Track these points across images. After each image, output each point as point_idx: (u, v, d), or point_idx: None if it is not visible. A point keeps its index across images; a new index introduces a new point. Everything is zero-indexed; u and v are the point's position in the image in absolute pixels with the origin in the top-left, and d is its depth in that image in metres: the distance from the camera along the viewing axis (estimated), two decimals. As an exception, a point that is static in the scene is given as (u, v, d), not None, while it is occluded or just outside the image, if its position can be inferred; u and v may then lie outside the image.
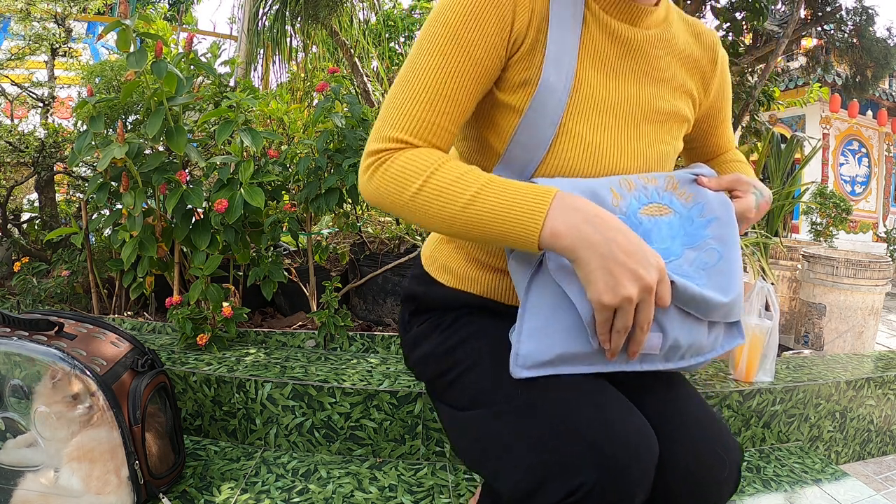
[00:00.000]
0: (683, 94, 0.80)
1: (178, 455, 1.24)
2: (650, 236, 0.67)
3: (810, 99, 6.52)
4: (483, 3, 0.65)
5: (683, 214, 0.70)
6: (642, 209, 0.68)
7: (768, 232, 3.21)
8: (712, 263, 0.69)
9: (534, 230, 0.58)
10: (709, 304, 0.66)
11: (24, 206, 3.07)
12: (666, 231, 0.68)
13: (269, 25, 4.18)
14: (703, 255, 0.69)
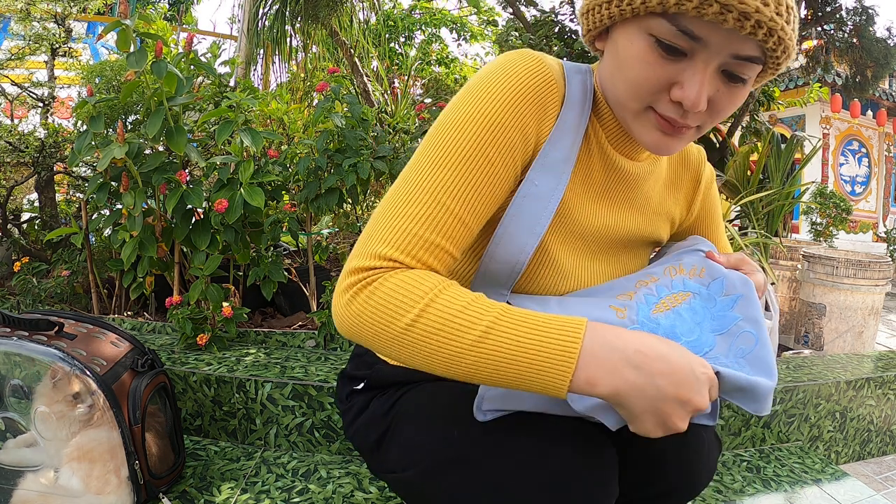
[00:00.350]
0: (665, 219, 0.79)
1: (178, 455, 1.24)
2: (675, 333, 0.59)
3: (810, 99, 6.51)
4: (507, 115, 0.59)
5: (703, 294, 0.63)
6: (653, 309, 0.61)
7: (768, 232, 3.21)
8: (750, 349, 0.58)
9: (563, 378, 0.49)
10: (757, 393, 0.55)
11: (24, 206, 3.07)
12: (690, 319, 0.60)
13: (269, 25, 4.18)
14: (739, 341, 0.59)
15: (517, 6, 3.37)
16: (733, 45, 0.54)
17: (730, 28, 0.52)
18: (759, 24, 0.52)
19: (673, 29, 0.53)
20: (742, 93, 0.59)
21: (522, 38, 3.30)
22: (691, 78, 0.55)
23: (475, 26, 8.70)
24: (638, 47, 0.56)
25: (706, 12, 0.51)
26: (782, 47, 0.55)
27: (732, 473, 1.50)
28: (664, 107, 0.58)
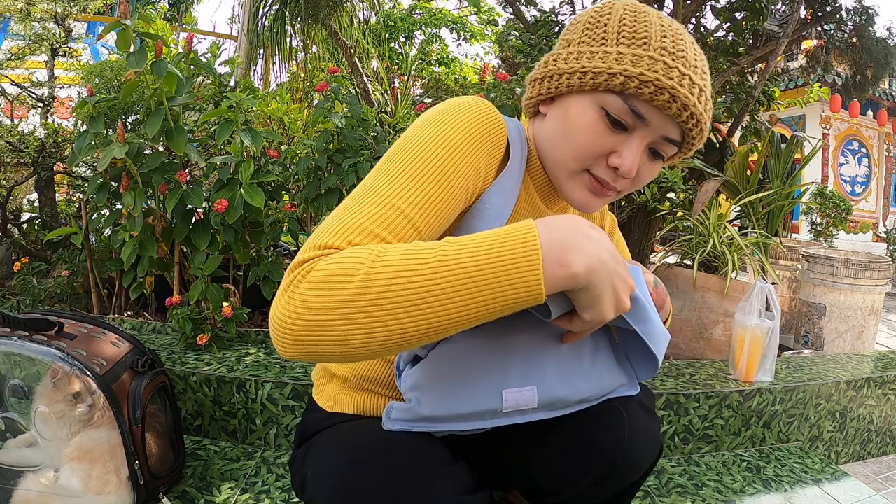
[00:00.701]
0: None
1: (178, 455, 1.24)
2: None
3: (810, 99, 6.52)
4: (467, 143, 0.63)
5: None
6: None
7: (768, 232, 3.21)
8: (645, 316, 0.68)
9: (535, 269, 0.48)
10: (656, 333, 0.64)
11: (24, 206, 3.07)
12: None
13: (269, 25, 4.18)
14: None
15: (517, 6, 3.37)
16: (666, 128, 0.64)
17: (671, 114, 0.62)
18: (692, 115, 0.62)
19: (625, 107, 0.62)
20: (658, 167, 0.69)
21: (522, 38, 3.30)
22: (629, 148, 0.64)
23: (475, 26, 8.70)
24: (590, 117, 0.64)
25: (657, 99, 0.61)
26: (699, 137, 0.66)
27: (732, 473, 1.50)
28: (601, 170, 0.66)
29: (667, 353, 2.29)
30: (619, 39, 0.63)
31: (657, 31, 0.63)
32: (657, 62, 0.61)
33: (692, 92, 0.62)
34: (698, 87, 0.62)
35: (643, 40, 0.62)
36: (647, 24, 0.63)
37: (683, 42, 0.63)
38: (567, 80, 0.65)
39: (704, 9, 3.19)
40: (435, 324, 0.48)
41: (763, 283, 1.74)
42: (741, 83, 3.46)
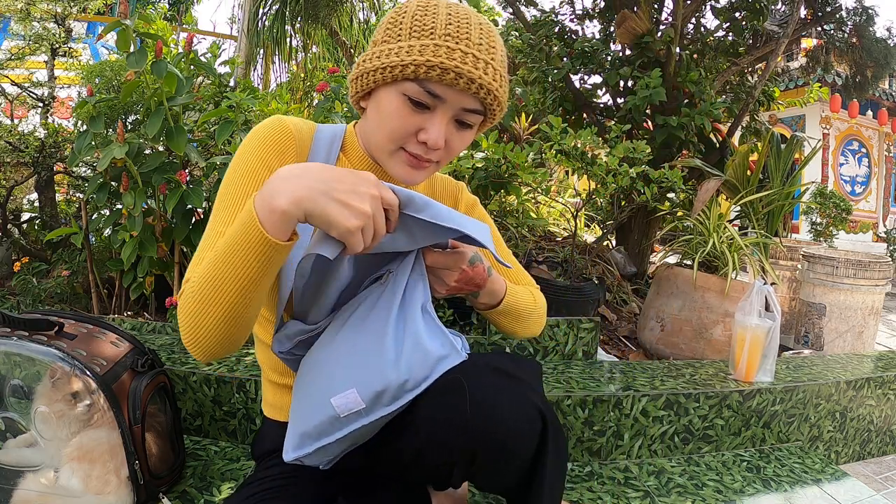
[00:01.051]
0: None
1: (178, 455, 1.24)
2: None
3: (810, 99, 6.51)
4: (254, 158, 0.78)
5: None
6: None
7: (768, 232, 3.21)
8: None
9: (254, 221, 0.62)
10: (436, 210, 0.70)
11: (24, 206, 3.07)
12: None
13: (269, 25, 4.18)
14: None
15: (517, 6, 3.37)
16: (463, 101, 0.75)
17: (461, 89, 0.73)
18: (480, 86, 0.73)
19: (421, 90, 0.73)
20: (469, 135, 0.80)
21: (522, 38, 3.30)
22: (433, 124, 0.75)
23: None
24: (396, 104, 0.75)
25: (445, 78, 0.71)
26: (497, 102, 0.77)
27: (732, 473, 1.50)
28: (413, 147, 0.77)
29: (667, 353, 2.30)
30: (410, 34, 0.74)
31: (443, 20, 0.74)
32: (441, 47, 0.72)
33: (476, 66, 0.72)
34: (483, 62, 0.73)
35: (430, 30, 0.73)
36: (434, 16, 0.74)
37: (468, 25, 0.74)
38: (373, 76, 0.76)
39: (704, 9, 3.19)
40: (230, 294, 0.64)
41: (762, 283, 1.74)
42: (741, 83, 3.46)
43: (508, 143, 1.97)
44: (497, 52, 0.76)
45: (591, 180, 2.25)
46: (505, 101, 0.79)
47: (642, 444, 1.55)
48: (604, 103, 3.33)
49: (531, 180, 1.99)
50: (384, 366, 0.70)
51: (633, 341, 2.50)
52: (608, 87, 3.11)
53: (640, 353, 2.41)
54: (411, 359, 0.71)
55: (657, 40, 2.80)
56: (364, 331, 0.73)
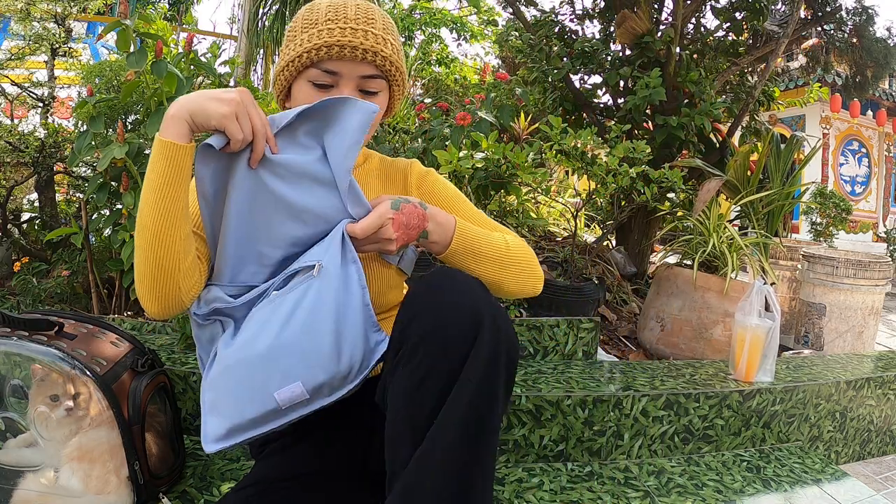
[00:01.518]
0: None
1: (178, 455, 1.24)
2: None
3: (810, 99, 6.51)
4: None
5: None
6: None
7: (768, 232, 3.21)
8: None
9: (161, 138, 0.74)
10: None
11: (24, 206, 3.07)
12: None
13: (268, 25, 4.18)
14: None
15: (517, 6, 3.37)
16: (357, 69, 0.84)
17: (349, 59, 0.83)
18: (365, 50, 0.83)
19: (319, 71, 0.84)
20: (377, 101, 0.87)
21: (522, 38, 3.30)
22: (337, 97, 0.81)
23: (475, 26, 8.70)
24: (304, 91, 0.86)
25: (331, 53, 0.82)
26: (388, 62, 0.86)
27: (732, 473, 1.50)
28: None
29: (667, 353, 2.30)
30: (302, 30, 0.85)
31: (323, 11, 0.84)
32: (323, 30, 0.82)
33: (356, 36, 0.82)
34: (361, 31, 0.82)
35: (313, 22, 0.84)
36: (316, 10, 0.85)
37: (345, 8, 0.84)
38: (282, 75, 0.88)
39: (704, 9, 3.19)
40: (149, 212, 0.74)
41: (761, 283, 1.74)
42: (741, 83, 3.46)
43: (508, 143, 1.97)
44: (377, 22, 0.85)
45: (591, 180, 2.25)
46: (399, 62, 0.88)
47: (642, 444, 1.55)
48: (604, 103, 3.33)
49: (531, 180, 1.99)
50: (327, 361, 0.74)
51: (633, 341, 2.50)
52: (608, 87, 3.11)
53: (640, 353, 2.41)
54: (353, 350, 0.76)
55: (657, 40, 2.80)
56: (305, 328, 0.74)
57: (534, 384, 1.54)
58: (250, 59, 4.55)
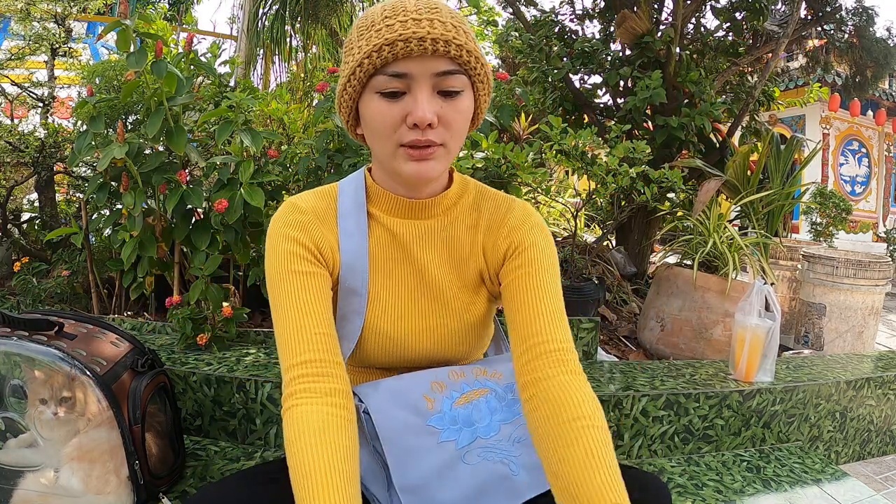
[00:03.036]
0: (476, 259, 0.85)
1: (178, 455, 1.24)
2: (471, 419, 0.77)
3: (810, 99, 6.51)
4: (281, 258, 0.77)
5: (498, 392, 0.81)
6: (455, 402, 0.78)
7: (768, 232, 3.21)
8: (525, 437, 0.78)
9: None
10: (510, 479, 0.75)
11: (24, 206, 3.07)
12: (485, 408, 0.78)
13: (268, 25, 4.18)
14: (518, 430, 0.78)
15: (517, 6, 3.37)
16: (429, 66, 0.69)
17: (418, 55, 0.68)
18: (434, 40, 0.67)
19: (385, 77, 0.70)
20: (462, 102, 0.73)
21: (522, 38, 3.30)
22: (413, 103, 0.70)
23: (475, 26, 8.69)
24: (374, 104, 0.72)
25: (396, 51, 0.67)
26: (465, 52, 0.70)
27: (732, 473, 1.50)
28: (406, 135, 0.71)
29: (667, 353, 2.30)
30: (358, 38, 0.72)
31: (378, 13, 0.71)
32: (380, 30, 0.69)
33: (420, 26, 0.67)
34: (426, 20, 0.68)
35: (369, 27, 0.71)
36: (371, 14, 0.72)
37: (402, 4, 0.71)
38: (346, 94, 0.74)
39: (704, 9, 3.19)
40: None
41: (761, 283, 1.74)
42: (741, 83, 3.46)
43: (508, 144, 1.97)
44: (442, 11, 0.71)
45: (591, 180, 2.25)
46: (479, 53, 0.73)
47: (642, 444, 1.55)
48: (604, 103, 3.33)
49: (531, 180, 1.99)
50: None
51: (633, 341, 2.50)
52: (608, 87, 3.11)
53: (640, 353, 2.41)
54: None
55: (657, 40, 2.80)
56: None
57: (534, 384, 1.54)
58: (250, 59, 4.55)
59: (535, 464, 0.75)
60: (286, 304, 0.75)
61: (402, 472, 0.72)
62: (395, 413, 0.76)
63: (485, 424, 0.77)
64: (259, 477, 0.80)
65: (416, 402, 0.77)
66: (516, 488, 0.76)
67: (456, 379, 0.81)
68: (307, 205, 0.82)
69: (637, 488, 0.74)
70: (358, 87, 0.72)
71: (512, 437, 0.78)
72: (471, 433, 0.76)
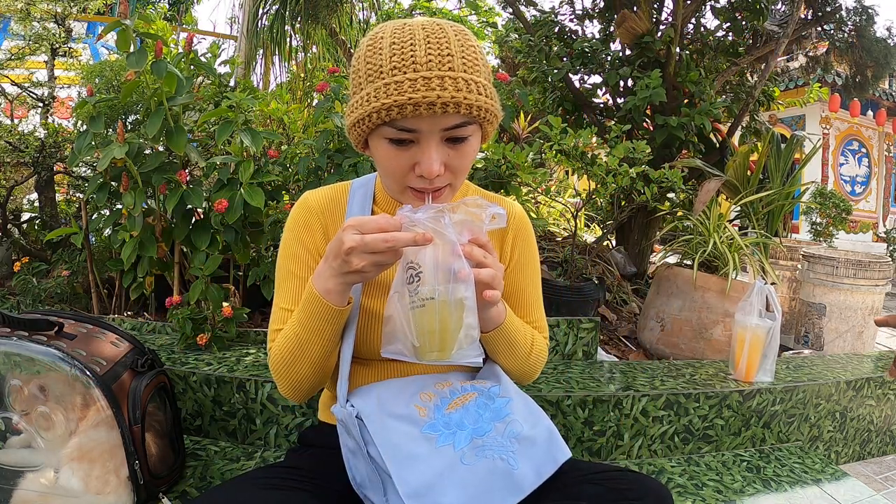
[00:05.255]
0: None
1: (178, 455, 1.24)
2: (463, 423, 0.79)
3: (810, 99, 6.52)
4: (290, 244, 0.89)
5: (486, 393, 0.84)
6: (446, 409, 0.81)
7: (768, 232, 3.21)
8: (519, 432, 0.81)
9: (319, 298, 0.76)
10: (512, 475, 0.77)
11: (24, 206, 3.07)
12: (475, 410, 0.81)
13: (268, 25, 4.18)
14: (510, 426, 0.81)
15: (517, 6, 3.37)
16: (439, 122, 0.71)
17: (429, 116, 0.69)
18: (444, 104, 0.68)
19: (394, 130, 0.71)
20: (469, 146, 0.75)
21: (522, 38, 3.30)
22: (422, 156, 0.72)
23: (475, 26, 8.69)
24: (383, 148, 0.75)
25: (405, 113, 0.69)
26: (476, 106, 0.71)
27: (732, 473, 1.50)
28: (415, 181, 0.76)
29: (667, 353, 2.30)
30: (367, 79, 0.72)
31: (387, 53, 0.70)
32: (390, 85, 0.69)
33: (430, 87, 0.68)
34: (437, 79, 0.68)
35: (378, 71, 0.71)
36: (379, 52, 0.71)
37: (412, 47, 0.70)
38: (355, 131, 0.76)
39: (704, 9, 3.19)
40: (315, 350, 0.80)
41: (762, 283, 1.74)
42: (741, 83, 3.46)
43: (508, 144, 1.98)
44: (454, 59, 0.70)
45: (591, 180, 2.25)
46: (489, 102, 0.73)
47: (642, 444, 1.55)
48: (604, 103, 3.33)
49: (531, 180, 1.99)
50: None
51: (633, 341, 2.50)
52: (608, 87, 3.11)
53: (640, 353, 2.41)
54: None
55: (657, 40, 2.80)
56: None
57: (534, 384, 1.54)
58: (250, 59, 4.55)
59: (534, 456, 0.80)
60: (285, 289, 0.88)
61: (405, 479, 0.73)
62: (390, 423, 0.78)
63: (478, 425, 0.79)
64: (259, 482, 0.81)
65: (409, 412, 0.80)
66: (518, 482, 0.77)
67: (443, 388, 0.84)
68: (318, 203, 0.90)
69: (637, 492, 0.76)
70: (367, 130, 0.74)
71: (506, 433, 0.80)
72: (466, 435, 0.78)
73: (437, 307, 0.68)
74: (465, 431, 0.78)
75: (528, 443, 0.80)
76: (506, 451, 0.78)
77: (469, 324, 0.70)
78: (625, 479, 0.80)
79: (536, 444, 0.81)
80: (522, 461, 0.78)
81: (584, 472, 0.82)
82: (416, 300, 0.68)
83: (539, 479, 0.79)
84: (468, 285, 0.69)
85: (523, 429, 0.81)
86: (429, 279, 0.68)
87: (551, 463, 0.81)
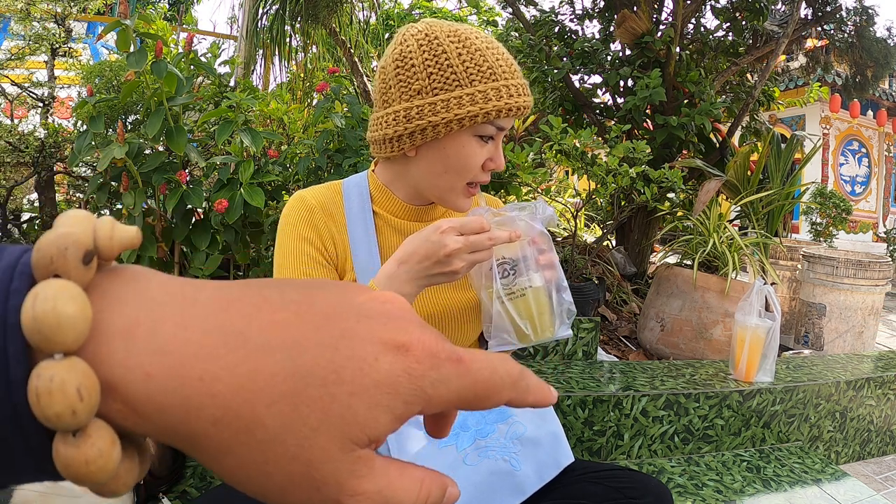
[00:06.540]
0: None
1: (178, 455, 1.24)
2: (467, 423, 0.80)
3: (810, 99, 6.51)
4: (291, 239, 0.86)
5: None
6: None
7: (768, 232, 3.21)
8: (522, 434, 0.82)
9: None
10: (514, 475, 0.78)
11: (24, 206, 3.07)
12: (479, 412, 0.79)
13: (268, 25, 4.18)
14: (513, 427, 0.82)
15: (517, 6, 3.37)
16: (511, 122, 0.80)
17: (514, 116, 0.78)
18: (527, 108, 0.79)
19: (492, 128, 0.77)
20: (495, 142, 0.82)
21: (522, 38, 3.30)
22: (496, 151, 0.80)
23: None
24: (469, 147, 0.78)
25: (512, 114, 0.77)
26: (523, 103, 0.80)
27: (732, 473, 1.50)
28: (481, 176, 0.80)
29: (667, 353, 2.30)
30: (470, 78, 0.76)
31: (491, 56, 0.77)
32: (509, 87, 0.77)
33: (527, 94, 0.79)
34: (523, 86, 0.79)
35: (489, 72, 0.76)
36: (480, 53, 0.76)
37: (507, 56, 0.79)
38: (445, 128, 0.76)
39: (704, 9, 3.19)
40: None
41: (761, 283, 1.74)
42: (741, 83, 3.46)
43: (508, 143, 1.98)
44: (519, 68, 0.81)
45: (591, 180, 2.25)
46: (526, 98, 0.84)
47: (642, 444, 1.55)
48: (604, 103, 3.33)
49: (531, 180, 1.99)
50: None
51: (633, 341, 2.50)
52: (608, 87, 3.11)
53: (640, 353, 2.41)
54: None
55: (657, 40, 2.81)
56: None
57: (534, 384, 1.54)
58: (250, 60, 4.55)
59: (536, 458, 0.81)
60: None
61: None
62: None
63: (481, 426, 0.80)
64: None
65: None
66: (520, 484, 0.78)
67: None
68: (316, 200, 0.89)
69: (638, 491, 0.76)
70: (468, 126, 0.76)
71: (509, 434, 0.81)
72: (468, 436, 0.79)
73: (534, 294, 0.74)
74: (469, 432, 0.79)
75: (532, 444, 0.81)
76: (508, 452, 0.79)
77: (565, 299, 0.76)
78: (625, 478, 0.81)
79: (540, 446, 0.82)
80: (525, 463, 0.79)
81: (585, 471, 0.83)
82: (516, 291, 0.74)
83: (541, 482, 0.79)
84: (554, 269, 0.76)
85: (527, 430, 0.82)
86: (522, 270, 0.74)
87: (554, 466, 0.82)
